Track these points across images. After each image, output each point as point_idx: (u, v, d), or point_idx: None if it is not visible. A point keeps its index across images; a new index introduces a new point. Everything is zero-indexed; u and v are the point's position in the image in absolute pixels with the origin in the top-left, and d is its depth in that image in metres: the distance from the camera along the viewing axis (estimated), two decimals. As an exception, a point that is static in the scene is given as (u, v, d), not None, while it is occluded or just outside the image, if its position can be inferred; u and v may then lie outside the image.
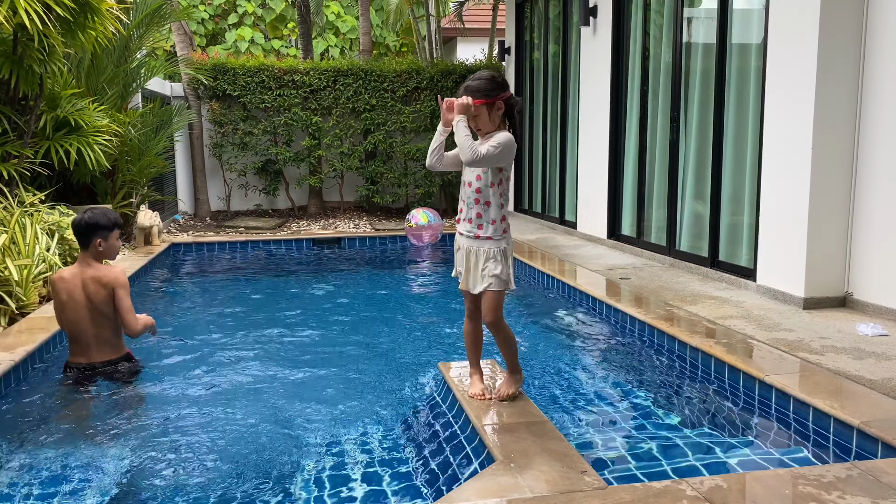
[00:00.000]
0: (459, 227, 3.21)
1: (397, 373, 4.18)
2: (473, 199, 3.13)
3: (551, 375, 4.11)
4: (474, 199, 3.13)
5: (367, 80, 11.35)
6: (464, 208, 3.16)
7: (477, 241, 3.13)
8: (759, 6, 5.56)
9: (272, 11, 18.39)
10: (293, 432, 3.29)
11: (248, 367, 4.26)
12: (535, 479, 2.47)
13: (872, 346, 4.01)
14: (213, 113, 11.04)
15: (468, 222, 3.15)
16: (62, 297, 3.89)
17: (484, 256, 3.13)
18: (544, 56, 9.98)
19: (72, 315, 3.89)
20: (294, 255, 8.64)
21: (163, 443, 3.18)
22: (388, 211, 11.82)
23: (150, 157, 8.36)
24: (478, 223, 3.12)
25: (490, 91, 3.11)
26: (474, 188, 3.13)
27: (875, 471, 2.55)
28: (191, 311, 5.90)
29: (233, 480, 2.84)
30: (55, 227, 5.77)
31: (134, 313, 3.89)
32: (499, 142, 3.06)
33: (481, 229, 3.12)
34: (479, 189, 3.12)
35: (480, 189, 3.12)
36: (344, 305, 6.09)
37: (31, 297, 5.03)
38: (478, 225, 3.12)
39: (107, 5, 6.13)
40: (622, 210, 7.73)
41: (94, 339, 3.89)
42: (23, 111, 6.44)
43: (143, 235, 8.04)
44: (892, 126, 4.63)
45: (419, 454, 3.09)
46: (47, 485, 2.81)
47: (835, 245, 4.97)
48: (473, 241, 3.14)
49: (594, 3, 7.94)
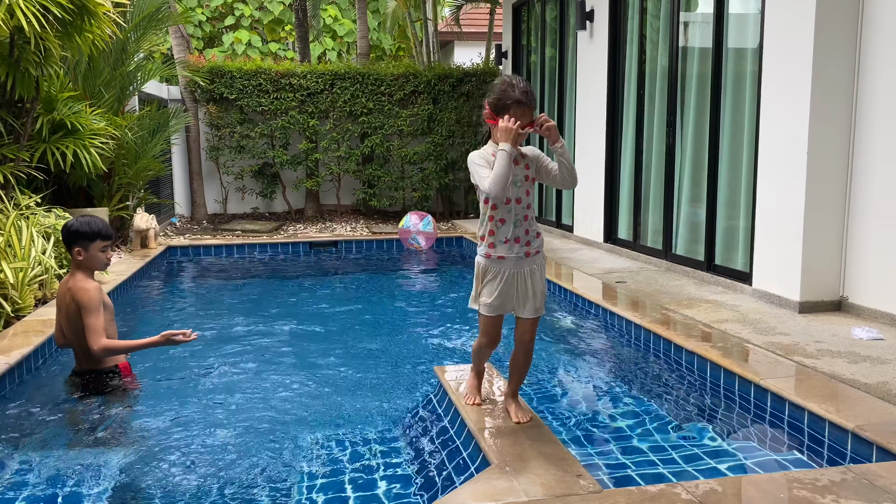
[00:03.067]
0: (495, 251, 2.95)
1: (393, 376, 4.18)
2: (523, 215, 2.95)
3: (547, 379, 4.11)
4: (523, 216, 2.95)
5: (365, 84, 11.36)
6: (506, 229, 2.92)
7: (528, 259, 2.95)
8: (755, 10, 5.58)
9: (269, 14, 18.40)
10: (288, 436, 3.29)
11: (244, 370, 4.26)
12: (531, 483, 2.47)
13: (867, 350, 4.02)
14: (210, 116, 11.04)
15: (516, 242, 2.93)
16: (56, 301, 3.88)
17: (540, 273, 3.00)
18: (541, 60, 10.00)
19: (59, 320, 3.87)
20: (291, 259, 8.64)
21: (158, 445, 3.17)
22: (384, 214, 11.82)
23: (147, 160, 8.36)
24: (526, 240, 2.95)
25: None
26: (524, 204, 2.95)
27: (869, 474, 2.56)
28: (187, 315, 5.89)
29: (228, 483, 2.83)
30: (51, 229, 5.76)
31: (98, 334, 3.62)
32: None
33: (530, 246, 2.97)
34: (529, 205, 2.98)
35: (531, 204, 2.99)
36: (340, 309, 6.08)
37: (27, 300, 5.02)
38: (526, 242, 2.95)
39: (104, 8, 6.13)
40: (619, 213, 7.74)
41: (78, 347, 3.83)
42: (19, 114, 6.44)
43: (140, 238, 8.04)
44: (887, 130, 4.65)
45: (415, 457, 3.09)
46: (42, 488, 2.80)
47: (830, 249, 4.98)
48: (524, 260, 2.95)
49: (591, 6, 7.96)
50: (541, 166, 2.98)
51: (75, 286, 3.72)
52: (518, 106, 2.83)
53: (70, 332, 3.81)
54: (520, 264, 2.95)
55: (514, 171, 2.87)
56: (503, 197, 2.82)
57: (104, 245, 3.79)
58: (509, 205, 2.92)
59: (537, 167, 2.98)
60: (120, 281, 6.18)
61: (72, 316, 3.75)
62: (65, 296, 3.79)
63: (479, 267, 3.01)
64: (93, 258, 3.77)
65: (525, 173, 2.96)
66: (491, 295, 2.96)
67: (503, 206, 2.92)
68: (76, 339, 3.78)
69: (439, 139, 11.49)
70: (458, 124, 11.57)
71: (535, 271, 2.98)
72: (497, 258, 2.94)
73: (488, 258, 2.97)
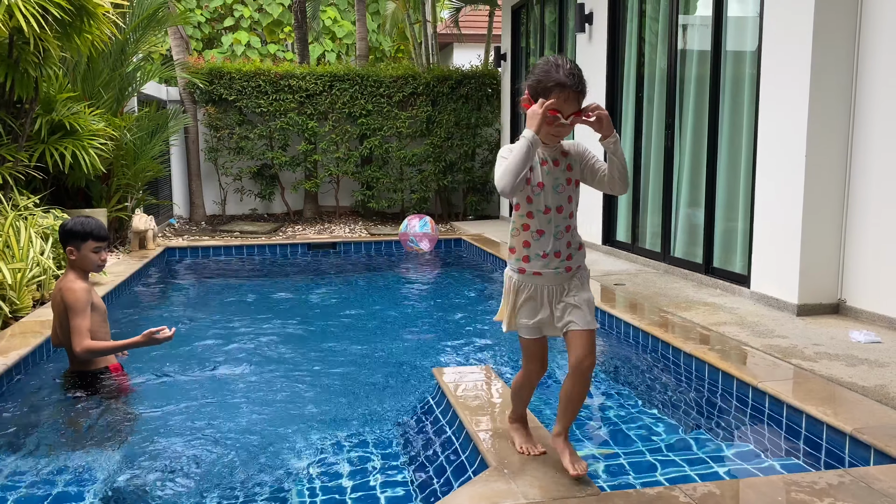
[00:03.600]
0: (531, 265, 2.55)
1: (391, 378, 4.17)
2: (565, 226, 2.55)
3: (544, 381, 4.11)
4: (565, 227, 2.55)
5: (364, 86, 11.37)
6: (545, 242, 2.52)
7: (568, 274, 2.57)
8: (753, 14, 5.59)
9: (269, 16, 18.41)
10: (286, 438, 3.28)
11: (242, 371, 4.26)
12: (529, 485, 2.47)
13: (865, 352, 4.02)
14: (209, 117, 11.04)
15: (556, 256, 2.53)
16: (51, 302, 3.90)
17: (583, 285, 2.60)
18: (540, 62, 10.00)
19: (54, 320, 3.89)
20: (289, 260, 8.64)
21: (151, 446, 3.17)
22: (383, 216, 11.82)
23: (146, 160, 8.35)
24: (567, 253, 2.56)
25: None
26: (567, 213, 2.54)
27: (867, 478, 2.56)
28: (185, 316, 5.89)
29: (224, 485, 2.83)
30: (49, 230, 5.75)
31: (81, 335, 3.63)
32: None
33: (571, 260, 2.58)
34: (571, 213, 2.58)
35: (573, 213, 2.59)
36: (338, 310, 6.08)
37: (25, 300, 5.02)
38: (567, 256, 2.57)
39: (103, 9, 6.13)
40: (617, 216, 7.74)
41: (68, 346, 3.84)
42: (18, 114, 6.43)
43: (138, 239, 8.03)
44: (885, 134, 4.65)
45: (413, 459, 3.09)
46: (36, 489, 2.80)
47: (828, 252, 4.98)
48: (564, 275, 2.56)
49: (590, 9, 7.97)
50: (586, 166, 2.55)
51: (64, 286, 3.75)
52: (561, 90, 2.39)
53: (62, 333, 3.82)
54: (559, 280, 2.56)
55: (553, 173, 2.49)
56: (513, 194, 2.39)
57: (97, 246, 3.80)
58: (548, 214, 2.50)
59: (582, 167, 2.55)
60: (118, 282, 6.18)
61: (62, 316, 3.77)
62: (56, 296, 3.81)
63: (511, 283, 2.61)
64: (85, 258, 3.78)
65: (567, 175, 2.53)
66: (531, 315, 2.58)
67: (541, 214, 2.50)
68: (67, 339, 3.79)
69: (438, 141, 11.50)
70: (457, 126, 11.58)
71: (576, 285, 2.58)
72: (532, 274, 2.55)
73: (522, 273, 2.57)
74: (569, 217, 2.54)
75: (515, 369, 4.28)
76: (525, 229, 2.54)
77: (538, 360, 2.71)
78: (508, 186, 2.34)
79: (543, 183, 2.50)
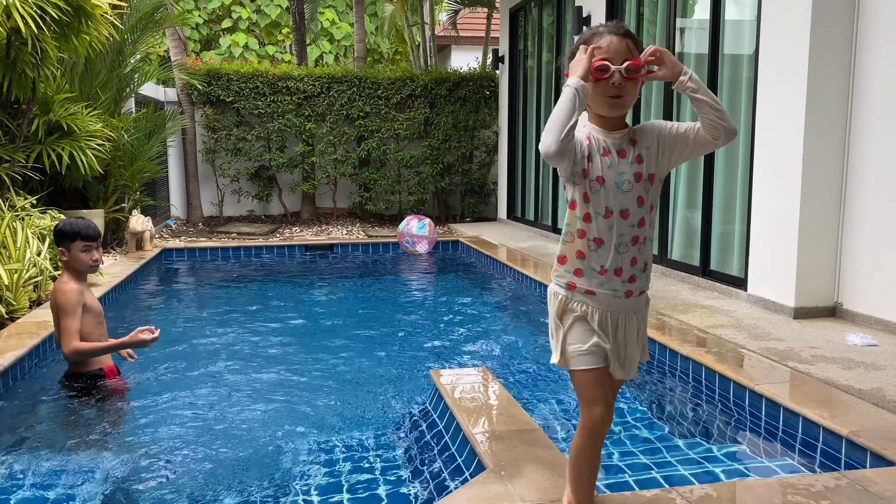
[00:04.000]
0: (582, 281, 2.06)
1: (388, 380, 4.17)
2: (631, 236, 2.04)
3: (542, 383, 4.12)
4: (631, 238, 2.04)
5: (361, 87, 11.37)
6: (603, 254, 2.03)
7: (628, 300, 2.08)
8: (750, 17, 5.60)
9: (267, 17, 18.41)
10: (282, 439, 3.28)
11: (238, 373, 4.25)
12: (526, 487, 2.47)
13: (862, 356, 4.03)
14: (207, 118, 11.04)
15: (616, 274, 2.04)
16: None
17: (641, 321, 2.14)
18: (538, 65, 10.02)
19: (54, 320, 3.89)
20: (286, 262, 8.63)
21: (147, 448, 3.16)
22: (381, 218, 11.82)
23: (143, 161, 8.35)
24: (631, 273, 2.06)
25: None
26: (635, 219, 2.02)
27: (863, 480, 2.56)
28: (181, 317, 5.88)
29: (220, 488, 2.83)
30: (46, 231, 5.75)
31: (69, 336, 3.63)
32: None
33: (634, 283, 2.08)
34: (641, 220, 2.04)
35: (645, 220, 2.05)
36: (335, 312, 6.08)
37: (21, 301, 5.01)
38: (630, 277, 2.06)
39: (101, 10, 6.13)
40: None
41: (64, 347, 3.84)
42: (15, 115, 6.42)
43: (135, 240, 8.02)
44: (881, 136, 4.67)
45: (410, 462, 3.08)
46: (32, 490, 2.79)
47: (825, 255, 4.99)
48: (623, 301, 2.07)
49: (588, 12, 7.99)
50: (669, 140, 2.03)
51: (57, 287, 3.77)
52: (599, 37, 1.97)
53: (57, 333, 3.83)
54: (616, 306, 2.06)
55: (617, 167, 2.00)
56: (558, 158, 1.90)
57: (85, 245, 3.78)
58: (609, 218, 2.01)
59: (661, 147, 2.03)
60: (115, 283, 6.17)
61: (55, 317, 3.78)
62: (51, 296, 3.82)
63: (557, 301, 2.11)
64: (75, 259, 3.78)
65: (636, 170, 2.02)
66: (585, 337, 2.06)
67: (600, 218, 2.01)
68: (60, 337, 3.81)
69: (436, 143, 11.50)
70: (455, 128, 11.59)
71: (635, 318, 2.11)
72: (585, 292, 2.06)
73: (571, 289, 2.08)
74: (637, 225, 2.02)
75: (513, 371, 4.29)
76: (580, 236, 2.04)
77: (602, 402, 2.07)
78: (552, 144, 1.86)
79: (604, 178, 2.00)
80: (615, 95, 1.96)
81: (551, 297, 2.14)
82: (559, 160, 1.92)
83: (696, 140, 2.00)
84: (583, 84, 1.89)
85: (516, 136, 10.87)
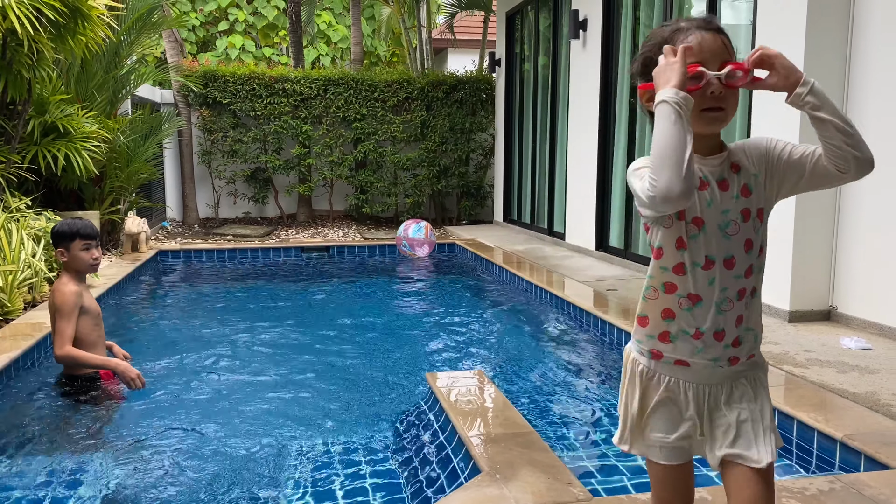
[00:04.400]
0: (671, 348, 1.63)
1: (384, 383, 4.17)
2: (736, 290, 1.58)
3: (538, 386, 4.12)
4: (736, 293, 1.59)
5: (358, 90, 11.38)
6: (699, 313, 1.58)
7: (732, 368, 1.63)
8: (746, 22, 5.62)
9: (263, 19, 18.41)
10: (278, 442, 3.28)
11: (233, 376, 4.25)
12: (521, 491, 2.47)
13: (856, 359, 4.04)
14: (203, 120, 11.03)
15: (716, 338, 1.59)
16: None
17: (764, 391, 1.66)
18: (534, 68, 10.04)
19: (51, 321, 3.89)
20: (282, 264, 8.62)
21: (141, 451, 3.15)
22: (377, 220, 11.82)
23: (139, 163, 8.34)
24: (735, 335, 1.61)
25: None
26: (741, 267, 1.57)
27: (858, 484, 2.57)
28: (177, 319, 5.87)
29: (215, 490, 2.82)
30: (41, 232, 5.73)
31: (63, 339, 3.63)
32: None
33: (740, 347, 1.62)
34: (749, 269, 1.59)
35: (752, 268, 1.60)
36: (331, 315, 6.07)
37: (16, 303, 4.99)
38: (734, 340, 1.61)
39: (97, 11, 6.12)
40: (610, 221, 7.76)
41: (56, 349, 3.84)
42: (10, 116, 6.41)
43: (131, 242, 8.01)
44: (876, 140, 4.67)
45: (405, 465, 3.08)
46: (26, 492, 2.78)
47: (820, 259, 5.01)
48: (726, 370, 1.62)
49: (584, 16, 8.01)
50: (776, 167, 1.58)
51: (56, 288, 3.77)
52: (684, 34, 1.54)
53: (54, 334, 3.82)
54: (717, 378, 1.62)
55: (719, 202, 1.55)
56: (682, 194, 1.38)
57: (84, 244, 3.78)
58: (710, 270, 1.56)
59: (769, 175, 1.58)
60: (110, 284, 6.16)
61: (52, 318, 3.77)
62: (50, 297, 3.82)
63: (635, 369, 1.70)
64: (75, 258, 3.78)
65: (743, 205, 1.56)
66: (670, 427, 1.65)
67: (698, 270, 1.56)
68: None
69: (432, 146, 11.52)
70: (451, 131, 11.61)
71: (745, 391, 1.63)
72: (675, 363, 1.63)
73: (657, 359, 1.65)
74: (744, 276, 1.57)
75: (508, 374, 4.29)
76: (669, 291, 1.61)
77: (681, 500, 1.72)
78: (676, 184, 1.36)
79: (703, 219, 1.55)
80: (714, 108, 1.52)
81: (629, 363, 1.73)
82: (686, 201, 1.41)
83: (816, 170, 1.55)
84: (684, 96, 1.41)
85: (512, 139, 10.89)
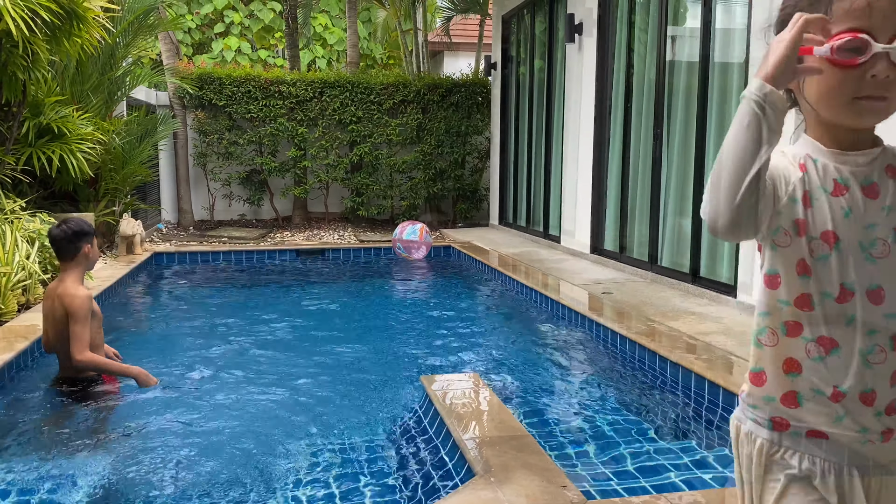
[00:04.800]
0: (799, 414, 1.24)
1: (379, 386, 4.17)
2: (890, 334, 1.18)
3: (532, 390, 4.12)
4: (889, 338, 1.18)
5: (354, 92, 11.38)
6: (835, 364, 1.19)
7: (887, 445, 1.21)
8: (741, 26, 5.64)
9: (259, 21, 18.41)
10: (273, 445, 3.27)
11: (228, 379, 4.24)
12: (516, 494, 2.47)
13: (850, 362, 4.05)
14: (199, 122, 11.02)
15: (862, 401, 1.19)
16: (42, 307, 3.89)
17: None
18: (530, 71, 10.06)
19: (46, 326, 3.87)
20: (277, 266, 8.61)
21: (139, 453, 3.15)
22: (372, 223, 11.82)
23: (134, 165, 8.33)
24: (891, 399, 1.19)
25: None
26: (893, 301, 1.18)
27: (851, 487, 2.58)
28: (171, 321, 5.86)
29: (210, 493, 2.82)
30: (36, 234, 5.72)
31: (82, 343, 3.66)
32: None
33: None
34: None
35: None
36: (326, 318, 6.07)
37: (10, 305, 4.98)
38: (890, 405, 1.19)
39: (93, 13, 6.12)
40: (605, 225, 7.78)
41: (63, 353, 3.83)
42: (5, 117, 6.40)
43: (126, 244, 7.99)
44: None
45: (400, 467, 3.08)
46: (23, 495, 2.77)
47: (814, 262, 5.02)
48: (881, 447, 1.21)
49: (579, 19, 8.03)
50: None
51: (65, 292, 3.73)
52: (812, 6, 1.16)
53: (56, 338, 3.81)
54: (866, 457, 1.21)
55: (863, 214, 1.18)
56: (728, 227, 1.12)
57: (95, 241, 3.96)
58: (848, 303, 1.18)
59: None
60: (105, 286, 6.14)
61: (59, 322, 3.75)
62: (52, 301, 3.79)
63: (755, 447, 1.30)
64: (95, 253, 3.93)
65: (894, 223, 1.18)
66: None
67: (831, 303, 1.18)
68: (61, 345, 3.78)
69: (428, 148, 11.52)
70: (447, 134, 11.62)
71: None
72: (807, 434, 1.23)
73: (781, 430, 1.26)
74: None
75: (503, 377, 4.29)
76: (791, 333, 1.22)
77: None
78: (722, 212, 1.10)
79: (837, 234, 1.18)
80: (875, 96, 1.12)
81: (740, 437, 1.33)
82: (735, 235, 1.13)
83: None
84: (771, 91, 1.08)
85: (508, 142, 10.90)
